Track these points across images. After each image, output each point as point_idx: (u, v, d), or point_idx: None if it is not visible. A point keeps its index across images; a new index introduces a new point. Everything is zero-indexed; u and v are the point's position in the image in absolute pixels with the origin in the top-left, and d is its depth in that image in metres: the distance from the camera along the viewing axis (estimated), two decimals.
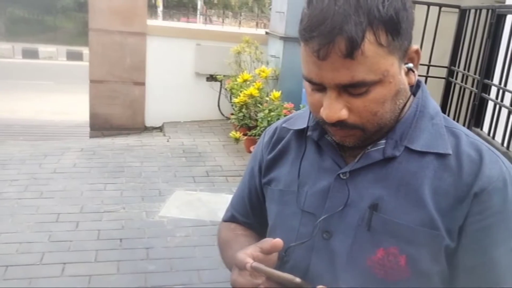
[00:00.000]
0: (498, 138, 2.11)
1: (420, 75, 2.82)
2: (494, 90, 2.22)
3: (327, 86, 0.76)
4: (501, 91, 2.13)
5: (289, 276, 0.74)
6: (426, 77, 2.90)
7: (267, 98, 4.67)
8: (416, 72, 0.82)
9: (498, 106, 2.15)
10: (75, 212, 3.53)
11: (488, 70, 2.24)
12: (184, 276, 2.84)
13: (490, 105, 2.24)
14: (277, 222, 0.92)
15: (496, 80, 2.20)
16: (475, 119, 2.33)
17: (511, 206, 0.78)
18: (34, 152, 4.88)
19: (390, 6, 0.72)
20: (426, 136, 0.82)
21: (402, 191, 0.80)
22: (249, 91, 4.68)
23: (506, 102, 2.10)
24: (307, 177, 0.89)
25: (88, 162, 4.65)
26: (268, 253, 0.80)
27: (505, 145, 2.02)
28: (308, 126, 0.90)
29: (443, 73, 2.85)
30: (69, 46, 15.41)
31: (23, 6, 16.53)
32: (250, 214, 1.04)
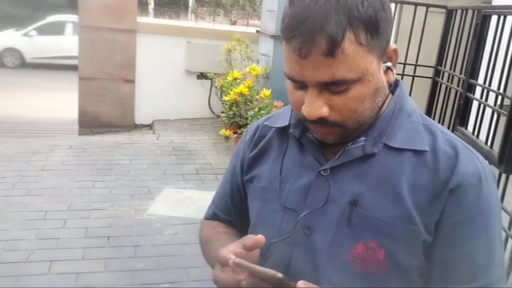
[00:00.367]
0: (482, 137, 2.14)
1: (407, 75, 2.84)
2: (479, 89, 2.24)
3: (309, 84, 0.78)
4: (485, 91, 2.16)
5: (271, 271, 0.74)
6: (413, 76, 2.92)
7: (257, 97, 4.67)
8: (394, 70, 0.84)
9: (482, 106, 2.18)
10: (63, 209, 3.52)
11: (473, 70, 2.27)
12: (172, 274, 2.85)
13: (475, 104, 2.27)
14: (259, 219, 0.94)
15: (481, 80, 2.22)
16: (460, 118, 2.36)
17: (485, 202, 0.80)
18: (23, 149, 4.85)
19: (369, 6, 0.73)
20: (404, 133, 0.84)
21: (381, 187, 0.82)
22: (239, 89, 4.68)
23: (490, 101, 2.13)
24: (289, 174, 0.90)
25: (76, 159, 4.63)
26: (250, 249, 0.81)
27: (488, 144, 2.05)
28: (289, 124, 0.92)
29: (430, 72, 2.88)
30: None
31: (13, 2, 16.37)
32: (232, 211, 1.05)
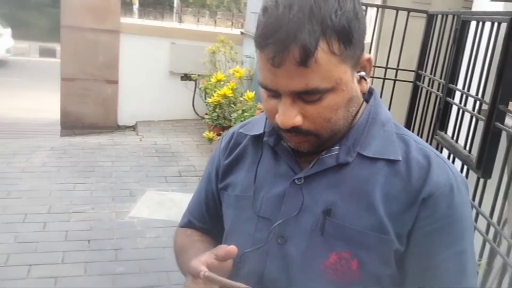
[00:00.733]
0: (462, 141, 2.16)
1: (388, 79, 2.84)
2: (458, 94, 2.27)
3: (282, 93, 0.77)
4: (464, 96, 2.18)
5: (241, 285, 0.74)
6: (395, 80, 2.94)
7: (241, 99, 4.66)
8: (368, 80, 0.84)
9: (461, 110, 2.20)
10: (43, 212, 3.47)
11: (452, 75, 2.29)
12: (153, 277, 2.83)
13: (454, 109, 2.29)
14: (233, 228, 0.93)
15: (460, 84, 2.24)
16: (440, 123, 2.38)
17: (457, 211, 0.81)
18: (3, 150, 4.78)
19: (342, 16, 0.73)
20: (378, 142, 0.84)
21: (354, 197, 0.82)
22: (222, 92, 4.67)
23: (469, 106, 2.15)
24: (263, 182, 0.90)
25: (58, 161, 4.57)
26: (222, 260, 0.81)
27: (467, 148, 2.07)
28: (264, 132, 0.91)
29: (411, 77, 2.90)
30: (42, 42, 15.07)
31: None
32: (207, 219, 1.04)
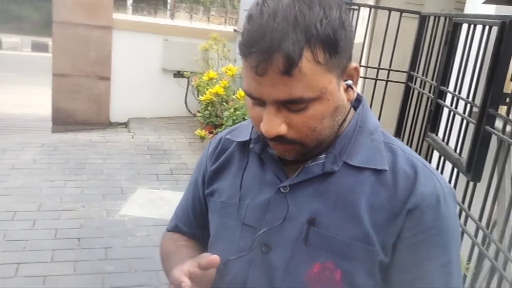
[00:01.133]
0: (452, 144, 2.16)
1: (380, 79, 2.84)
2: (449, 96, 2.27)
3: (266, 101, 0.77)
4: (455, 98, 2.18)
5: None
6: (387, 81, 2.94)
7: (233, 97, 4.64)
8: (355, 88, 0.83)
9: (452, 113, 2.20)
10: (33, 210, 3.44)
11: (444, 77, 2.29)
12: (143, 276, 2.81)
13: (446, 111, 2.29)
14: (217, 234, 0.92)
15: (451, 87, 2.24)
16: (431, 125, 2.37)
17: (444, 222, 0.80)
18: None
19: (328, 25, 0.72)
20: (365, 151, 0.84)
21: (339, 206, 0.82)
22: (215, 90, 4.64)
23: (460, 109, 2.16)
24: (249, 189, 0.89)
25: (48, 158, 4.54)
26: (205, 269, 0.80)
27: (457, 151, 2.07)
28: (250, 139, 0.90)
29: (404, 77, 2.90)
30: (34, 36, 14.92)
31: None
32: (194, 224, 1.04)
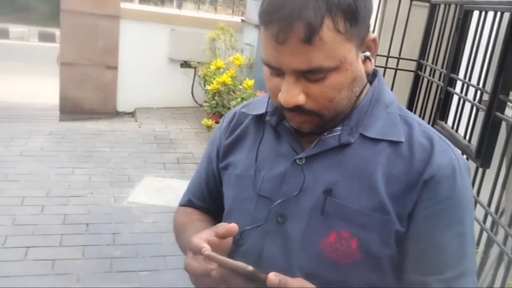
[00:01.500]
0: (461, 131, 2.16)
1: (390, 68, 2.83)
2: (459, 84, 2.26)
3: (285, 71, 0.77)
4: (465, 86, 2.18)
5: (241, 264, 0.74)
6: (396, 69, 2.94)
7: (240, 86, 4.64)
8: (373, 60, 0.83)
9: (462, 100, 2.19)
10: (41, 196, 3.47)
11: (454, 64, 2.28)
12: (150, 261, 2.83)
13: (455, 99, 2.29)
14: (233, 206, 0.93)
15: (461, 74, 2.24)
16: (441, 113, 2.37)
17: (459, 193, 0.81)
18: (1, 134, 4.75)
19: None
20: (381, 123, 0.84)
21: (355, 177, 0.82)
22: (222, 79, 4.65)
23: (470, 96, 2.15)
24: (264, 162, 0.89)
25: (56, 146, 4.56)
26: (223, 237, 0.80)
27: (467, 138, 2.07)
28: (266, 112, 0.91)
29: (413, 66, 2.89)
30: (41, 27, 14.94)
31: None
32: (207, 198, 1.04)
